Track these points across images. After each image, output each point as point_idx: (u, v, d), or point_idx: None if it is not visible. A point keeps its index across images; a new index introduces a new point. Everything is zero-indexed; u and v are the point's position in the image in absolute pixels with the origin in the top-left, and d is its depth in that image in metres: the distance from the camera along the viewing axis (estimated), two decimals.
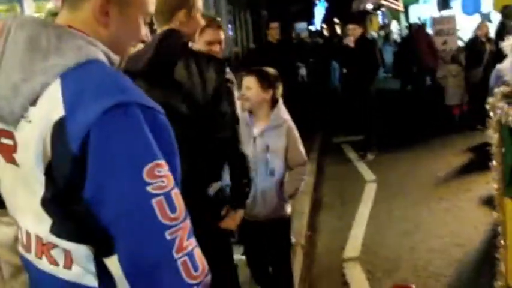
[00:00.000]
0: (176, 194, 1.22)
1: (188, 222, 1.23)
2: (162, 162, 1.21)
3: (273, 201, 3.36)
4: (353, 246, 5.05)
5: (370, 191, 6.63)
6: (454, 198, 5.98)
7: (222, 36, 3.07)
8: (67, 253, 1.27)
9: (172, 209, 1.19)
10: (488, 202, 4.80)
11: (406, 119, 10.56)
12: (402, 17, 17.61)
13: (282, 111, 3.44)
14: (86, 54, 1.24)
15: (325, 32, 23.83)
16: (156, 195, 1.18)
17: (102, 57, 1.28)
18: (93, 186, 1.17)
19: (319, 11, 32.87)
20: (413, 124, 10.07)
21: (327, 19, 29.53)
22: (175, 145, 1.29)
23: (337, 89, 12.89)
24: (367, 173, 7.44)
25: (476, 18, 11.49)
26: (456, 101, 9.79)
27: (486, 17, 11.57)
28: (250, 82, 3.32)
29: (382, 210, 5.92)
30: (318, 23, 31.43)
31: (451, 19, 12.07)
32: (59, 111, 1.18)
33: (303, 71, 16.00)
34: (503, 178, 2.33)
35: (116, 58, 1.34)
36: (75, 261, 1.26)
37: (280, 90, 3.44)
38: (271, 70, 3.44)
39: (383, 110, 8.96)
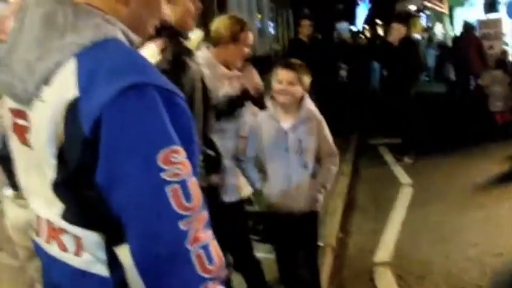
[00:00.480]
0: (193, 183, 1.16)
1: (205, 213, 1.17)
2: (179, 148, 1.14)
3: (307, 193, 3.36)
4: (385, 250, 4.93)
5: (406, 195, 6.48)
6: (494, 207, 5.77)
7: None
8: (77, 239, 1.22)
9: (188, 198, 1.13)
10: None
11: (447, 124, 10.30)
12: (447, 19, 17.22)
13: (311, 104, 3.44)
14: (103, 33, 1.19)
15: (367, 33, 23.59)
16: (171, 182, 1.11)
17: (120, 36, 1.23)
18: (104, 170, 1.12)
19: (362, 12, 32.54)
20: (454, 129, 9.80)
21: (369, 20, 29.27)
22: (194, 131, 1.22)
23: (377, 90, 12.71)
24: (404, 177, 7.27)
25: None
26: (500, 107, 9.49)
27: None
28: (293, 78, 3.32)
29: (417, 215, 5.76)
30: (360, 24, 31.12)
31: (498, 22, 11.70)
32: (72, 92, 1.13)
33: (343, 72, 15.84)
34: None
35: (135, 37, 1.28)
36: (85, 248, 1.22)
37: (308, 82, 3.42)
38: (303, 64, 3.43)
39: (423, 113, 8.75)
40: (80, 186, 1.16)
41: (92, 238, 1.20)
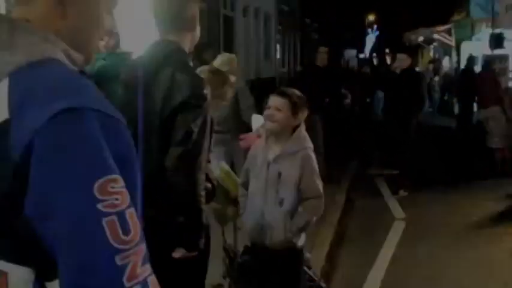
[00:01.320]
0: (131, 214, 1.07)
1: (143, 247, 1.09)
2: (117, 177, 1.06)
3: (279, 233, 3.11)
4: (371, 287, 4.79)
5: (397, 230, 6.34)
6: (486, 248, 5.64)
7: None
8: (2, 275, 1.12)
9: (126, 230, 1.05)
10: None
11: (447, 158, 10.18)
12: (453, 52, 17.22)
13: (303, 137, 3.23)
14: (40, 52, 1.11)
15: (375, 61, 23.61)
16: (108, 214, 1.03)
17: (60, 56, 1.14)
18: (35, 200, 1.03)
19: (371, 40, 32.64)
20: (454, 164, 9.69)
21: (378, 48, 29.36)
22: (135, 160, 1.14)
23: (379, 119, 12.66)
24: (398, 211, 7.14)
25: None
26: (497, 144, 9.37)
27: None
28: (281, 104, 3.16)
29: (407, 251, 5.63)
30: (368, 52, 31.19)
31: (504, 59, 11.63)
32: (2, 114, 1.05)
33: (347, 100, 15.85)
34: None
35: (78, 57, 1.19)
36: (12, 285, 1.11)
37: (304, 115, 3.27)
38: (301, 95, 3.29)
39: (423, 145, 8.66)
40: (8, 216, 1.07)
41: (20, 273, 1.10)
